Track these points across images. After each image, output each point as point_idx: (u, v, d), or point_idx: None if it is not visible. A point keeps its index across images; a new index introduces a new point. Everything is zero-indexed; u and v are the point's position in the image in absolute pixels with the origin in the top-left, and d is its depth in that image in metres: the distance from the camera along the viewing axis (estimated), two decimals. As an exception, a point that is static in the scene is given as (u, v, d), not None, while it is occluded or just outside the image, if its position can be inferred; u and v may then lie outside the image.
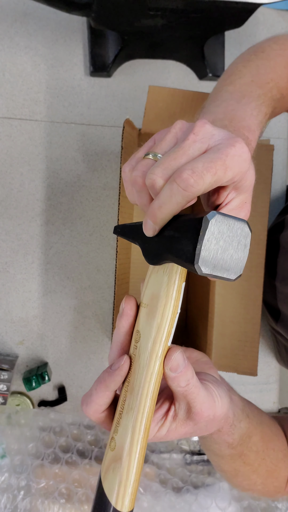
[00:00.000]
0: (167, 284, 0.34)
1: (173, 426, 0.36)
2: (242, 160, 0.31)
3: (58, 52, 0.79)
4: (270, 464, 0.48)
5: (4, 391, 0.72)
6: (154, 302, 0.34)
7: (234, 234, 0.30)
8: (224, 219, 0.29)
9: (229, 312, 0.68)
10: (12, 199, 0.78)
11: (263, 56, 0.50)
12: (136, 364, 0.34)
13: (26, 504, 0.72)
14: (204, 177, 0.29)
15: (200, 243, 0.29)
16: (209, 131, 0.32)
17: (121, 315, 0.36)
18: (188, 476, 0.79)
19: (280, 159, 0.85)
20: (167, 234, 0.32)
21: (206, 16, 0.67)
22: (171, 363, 0.33)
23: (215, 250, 0.29)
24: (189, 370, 0.34)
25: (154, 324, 0.34)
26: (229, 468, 0.48)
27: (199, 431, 0.38)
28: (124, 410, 0.34)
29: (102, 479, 0.35)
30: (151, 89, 0.60)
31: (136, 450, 0.33)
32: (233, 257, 0.30)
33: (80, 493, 0.74)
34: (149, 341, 0.34)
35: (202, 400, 0.35)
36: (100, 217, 0.80)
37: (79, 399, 0.80)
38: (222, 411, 0.38)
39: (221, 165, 0.30)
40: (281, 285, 0.68)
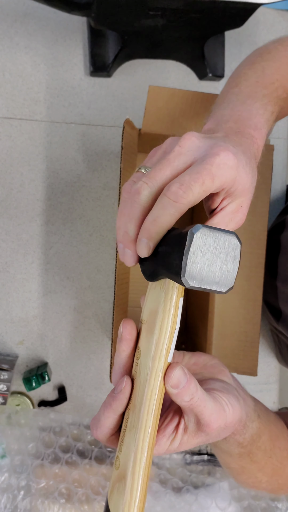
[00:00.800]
0: (164, 299, 0.33)
1: (185, 439, 0.36)
2: (228, 168, 0.32)
3: (58, 52, 0.79)
4: (276, 462, 0.48)
5: (4, 391, 0.72)
6: (152, 319, 0.34)
7: (222, 246, 0.30)
8: (210, 232, 0.30)
9: (229, 312, 0.68)
10: (12, 199, 0.78)
11: (268, 58, 0.50)
12: (137, 381, 0.34)
13: (26, 504, 0.72)
14: (192, 188, 0.30)
15: (185, 256, 0.29)
16: (195, 143, 0.33)
17: (120, 340, 0.36)
18: (188, 476, 0.79)
19: (280, 159, 0.85)
20: (160, 250, 0.33)
21: (206, 16, 0.67)
22: (171, 381, 0.33)
23: (202, 263, 0.29)
24: (192, 384, 0.33)
25: (153, 340, 0.33)
26: (236, 465, 0.48)
27: (212, 439, 0.37)
28: (127, 428, 0.34)
29: (108, 498, 0.34)
30: (151, 89, 0.60)
31: (140, 468, 0.33)
32: (222, 269, 0.30)
33: (80, 493, 0.74)
34: (149, 358, 0.33)
35: (210, 411, 0.35)
36: (100, 217, 0.80)
37: (79, 399, 0.80)
38: (233, 418, 0.37)
39: (207, 174, 0.31)
40: (282, 285, 0.68)
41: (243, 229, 0.67)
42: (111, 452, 0.78)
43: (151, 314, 0.34)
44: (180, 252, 0.29)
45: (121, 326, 0.35)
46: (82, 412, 0.80)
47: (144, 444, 0.33)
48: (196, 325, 0.76)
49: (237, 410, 0.38)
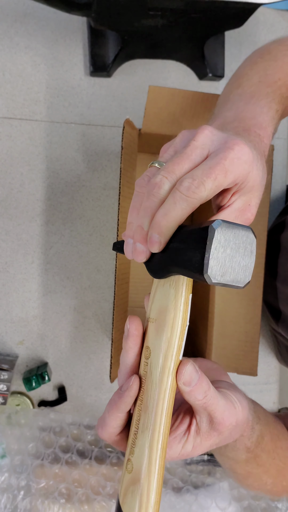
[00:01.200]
0: (175, 296, 0.33)
1: (198, 441, 0.35)
2: (242, 162, 0.32)
3: (58, 52, 0.79)
4: (279, 463, 0.48)
5: (4, 391, 0.72)
6: (162, 316, 0.33)
7: (240, 241, 0.30)
8: (230, 226, 0.29)
9: (229, 312, 0.68)
10: (12, 199, 0.78)
11: (269, 58, 0.50)
12: (149, 381, 0.34)
13: (26, 504, 0.72)
14: (204, 183, 0.30)
15: (208, 252, 0.28)
16: (209, 136, 0.33)
17: (127, 336, 0.35)
18: (188, 476, 0.79)
19: (280, 159, 0.85)
20: (172, 246, 0.32)
21: (206, 16, 0.67)
22: (183, 377, 0.32)
23: (223, 259, 0.29)
24: (204, 381, 0.33)
25: (164, 338, 0.33)
26: (243, 471, 0.47)
27: (224, 440, 0.37)
28: (139, 430, 0.33)
29: (121, 503, 0.33)
30: (151, 89, 0.60)
31: (155, 470, 0.32)
32: (240, 264, 0.30)
33: (80, 493, 0.74)
34: (160, 356, 0.33)
35: (223, 409, 0.34)
36: (100, 217, 0.80)
37: (79, 399, 0.80)
38: (243, 416, 0.37)
39: (220, 170, 0.30)
40: (282, 285, 0.68)
41: (243, 229, 0.67)
42: (111, 452, 0.78)
43: (160, 312, 0.34)
44: (200, 248, 0.29)
45: (128, 322, 0.35)
46: (82, 412, 0.80)
47: (158, 446, 0.32)
48: (196, 325, 0.76)
49: (245, 408, 0.38)
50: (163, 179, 0.32)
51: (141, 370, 0.35)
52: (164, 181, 0.32)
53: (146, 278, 0.79)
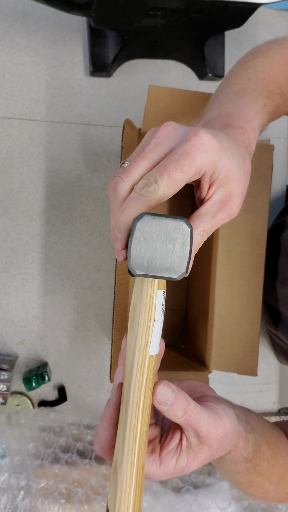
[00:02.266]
0: (140, 292, 0.34)
1: (191, 455, 0.35)
2: (202, 152, 0.31)
3: (58, 52, 0.79)
4: (280, 470, 0.48)
5: (4, 391, 0.72)
6: (133, 312, 0.34)
7: (169, 232, 0.30)
8: (154, 219, 0.30)
9: (229, 312, 0.68)
10: (12, 199, 0.78)
11: (260, 55, 0.49)
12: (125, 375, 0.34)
13: (26, 504, 0.72)
14: (157, 181, 0.31)
15: (130, 244, 0.29)
16: (170, 132, 0.33)
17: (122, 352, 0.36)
18: (188, 476, 0.79)
19: (280, 159, 0.85)
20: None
21: (206, 16, 0.67)
22: (157, 398, 0.33)
23: (146, 250, 0.30)
24: (182, 398, 0.33)
25: (133, 333, 0.34)
26: (245, 480, 0.47)
27: (216, 452, 0.37)
28: (118, 423, 0.34)
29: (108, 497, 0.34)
30: (151, 89, 0.60)
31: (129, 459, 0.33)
32: (172, 255, 0.30)
33: (80, 493, 0.74)
34: (130, 350, 0.34)
35: (207, 422, 0.35)
36: (100, 217, 0.80)
37: (79, 399, 0.80)
38: (231, 425, 0.37)
39: (174, 166, 0.31)
40: (281, 286, 0.68)
41: (243, 229, 0.67)
42: (111, 452, 0.78)
43: (132, 309, 0.34)
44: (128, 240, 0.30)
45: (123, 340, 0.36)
46: (82, 412, 0.80)
47: (131, 435, 0.33)
48: (196, 325, 0.76)
49: (232, 417, 0.38)
50: (119, 180, 0.32)
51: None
52: (120, 182, 0.32)
53: (146, 278, 0.79)
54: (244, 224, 0.67)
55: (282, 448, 0.49)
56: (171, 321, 0.81)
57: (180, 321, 0.82)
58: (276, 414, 0.84)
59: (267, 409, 0.85)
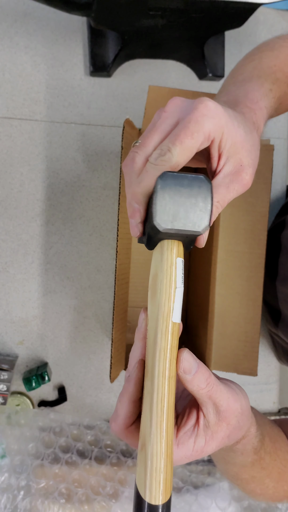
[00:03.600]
0: (161, 260, 0.34)
1: (209, 434, 0.35)
2: (209, 118, 0.32)
3: (58, 52, 0.79)
4: (280, 465, 0.48)
5: (4, 391, 0.72)
6: (153, 282, 0.34)
7: (191, 188, 0.31)
8: (176, 176, 0.31)
9: (229, 312, 0.68)
10: (12, 199, 0.78)
11: (266, 49, 0.50)
12: (148, 346, 0.34)
13: (26, 504, 0.72)
14: (171, 150, 0.32)
15: (155, 200, 0.30)
16: (178, 105, 0.34)
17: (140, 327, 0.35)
18: (188, 476, 0.79)
19: (280, 159, 0.85)
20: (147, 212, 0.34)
21: (206, 16, 0.67)
22: (183, 365, 0.33)
23: (171, 206, 0.31)
24: (204, 368, 0.33)
25: (155, 302, 0.34)
26: (247, 475, 0.47)
27: (234, 432, 0.36)
28: (144, 397, 0.33)
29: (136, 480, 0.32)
30: (151, 89, 0.60)
31: (158, 431, 0.31)
32: (194, 209, 0.31)
33: (80, 493, 0.74)
34: (153, 319, 0.33)
35: (227, 395, 0.34)
36: (100, 217, 0.80)
37: (79, 399, 0.80)
38: (246, 402, 0.37)
39: (185, 133, 0.32)
40: (281, 285, 0.68)
41: (243, 229, 0.67)
42: (111, 452, 0.78)
43: (152, 279, 0.35)
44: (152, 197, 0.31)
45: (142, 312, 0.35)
46: (82, 412, 0.80)
47: (159, 406, 0.31)
48: (196, 325, 0.76)
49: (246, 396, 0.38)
50: (135, 154, 0.33)
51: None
52: (136, 156, 0.33)
53: (146, 278, 0.79)
54: (244, 224, 0.67)
55: (282, 443, 0.49)
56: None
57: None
58: (276, 414, 0.84)
59: (267, 409, 0.85)
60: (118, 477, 0.76)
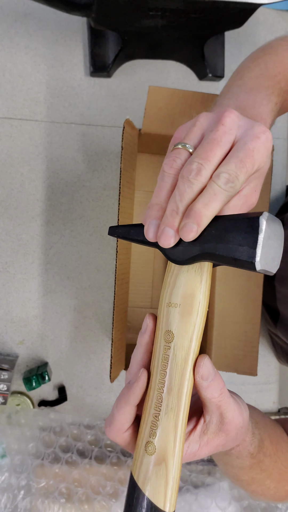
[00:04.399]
0: (201, 282, 0.34)
1: (204, 440, 0.35)
2: (266, 151, 0.33)
3: (58, 52, 0.79)
4: (281, 466, 0.48)
5: (4, 391, 0.73)
6: (188, 301, 0.35)
7: (277, 231, 0.32)
8: (272, 218, 0.31)
9: (229, 312, 0.68)
10: (12, 199, 0.78)
11: (271, 52, 0.51)
12: (172, 363, 0.34)
13: (26, 503, 0.72)
14: (238, 177, 0.32)
15: (259, 241, 0.30)
16: (236, 121, 0.33)
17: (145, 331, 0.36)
18: (188, 476, 0.79)
19: (280, 159, 0.85)
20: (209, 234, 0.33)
21: (206, 16, 0.67)
22: (202, 371, 0.33)
23: (267, 248, 0.31)
24: (220, 378, 0.34)
25: (191, 322, 0.34)
26: (247, 477, 0.48)
27: (230, 442, 0.37)
28: (162, 411, 0.34)
29: (142, 488, 0.34)
30: (151, 89, 0.60)
31: (180, 449, 0.34)
32: (276, 252, 0.32)
33: (80, 493, 0.74)
34: (186, 339, 0.34)
35: (233, 407, 0.35)
36: (100, 217, 0.80)
37: (79, 399, 0.80)
38: (247, 417, 0.38)
39: (250, 162, 0.32)
40: (280, 285, 0.68)
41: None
42: (111, 452, 0.78)
43: (186, 297, 0.35)
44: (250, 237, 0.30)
45: (147, 318, 0.36)
46: (82, 412, 0.80)
47: (183, 424, 0.34)
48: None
49: (247, 410, 0.38)
50: (200, 167, 0.32)
51: (159, 352, 0.35)
52: (201, 168, 0.32)
53: (146, 278, 0.79)
54: (244, 224, 0.67)
55: (283, 444, 0.49)
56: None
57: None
58: (276, 414, 0.84)
59: (267, 409, 0.85)
60: (118, 476, 0.76)
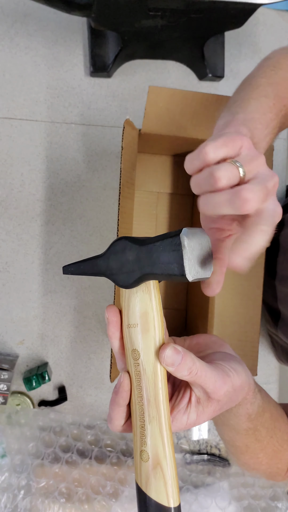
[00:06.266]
0: (150, 300, 0.38)
1: (200, 409, 0.39)
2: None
3: (58, 53, 0.79)
4: (276, 444, 0.50)
5: (4, 390, 0.73)
6: (144, 320, 0.38)
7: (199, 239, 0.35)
8: (191, 231, 0.35)
9: (229, 312, 0.68)
10: (12, 199, 0.78)
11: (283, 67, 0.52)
12: (144, 378, 0.38)
13: (26, 503, 0.73)
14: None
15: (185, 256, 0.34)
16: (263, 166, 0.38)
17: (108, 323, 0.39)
18: (188, 476, 0.79)
19: (280, 159, 0.85)
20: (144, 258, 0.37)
21: (206, 16, 0.67)
22: (165, 360, 0.36)
23: (193, 259, 0.35)
24: (187, 358, 0.36)
25: (151, 337, 0.38)
26: (241, 444, 0.49)
27: (225, 405, 0.40)
28: (146, 421, 0.38)
29: (145, 490, 0.38)
30: (151, 89, 0.60)
31: (170, 449, 0.37)
32: (205, 259, 0.35)
33: (80, 493, 0.74)
34: (151, 353, 0.37)
35: (213, 379, 0.37)
36: (100, 217, 0.80)
37: (79, 399, 0.80)
38: (240, 380, 0.40)
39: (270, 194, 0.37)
40: (280, 284, 0.68)
41: (243, 229, 0.67)
42: (111, 451, 0.78)
43: (141, 317, 0.38)
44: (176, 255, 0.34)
45: (106, 312, 0.40)
46: (82, 412, 0.80)
47: (167, 427, 0.37)
48: (196, 325, 0.76)
49: (241, 374, 0.40)
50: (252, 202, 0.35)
51: (131, 370, 0.39)
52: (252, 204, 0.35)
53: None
54: (244, 224, 0.67)
55: (282, 424, 0.51)
56: (171, 321, 0.81)
57: (180, 321, 0.82)
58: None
59: (267, 409, 0.85)
60: (118, 476, 0.76)
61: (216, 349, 0.44)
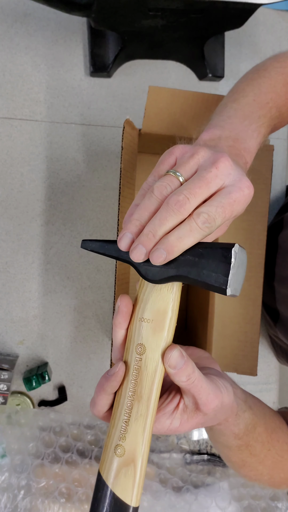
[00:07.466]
0: (173, 301, 0.38)
1: (185, 418, 0.38)
2: (246, 203, 0.36)
3: (58, 53, 0.79)
4: (275, 455, 0.49)
5: (4, 390, 0.73)
6: (160, 318, 0.38)
7: (242, 259, 0.36)
8: (240, 249, 0.35)
9: (229, 312, 0.68)
10: (12, 199, 0.78)
11: (264, 75, 0.52)
12: (143, 374, 0.37)
13: (26, 503, 0.73)
14: (216, 220, 0.34)
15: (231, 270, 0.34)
16: (228, 169, 0.36)
17: (117, 313, 0.38)
18: (188, 476, 0.79)
19: (280, 159, 0.85)
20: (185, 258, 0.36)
21: (206, 16, 0.67)
22: (169, 361, 0.36)
23: (236, 275, 0.35)
24: (189, 365, 0.36)
25: (163, 336, 0.37)
26: (237, 459, 0.49)
27: (209, 421, 0.40)
28: (132, 417, 0.37)
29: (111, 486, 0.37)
30: (151, 89, 0.60)
31: (147, 450, 0.37)
32: (241, 276, 0.36)
33: (80, 493, 0.74)
34: (157, 353, 0.37)
35: (207, 391, 0.37)
36: (100, 217, 0.80)
37: (79, 399, 0.80)
38: (229, 399, 0.40)
39: (230, 210, 0.35)
40: (279, 285, 0.68)
41: (243, 229, 0.67)
42: (111, 451, 0.78)
43: (158, 314, 0.38)
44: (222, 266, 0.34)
45: (119, 300, 0.38)
46: (82, 412, 0.80)
47: (150, 429, 0.37)
48: (196, 325, 0.76)
49: (231, 394, 0.40)
50: (186, 200, 0.34)
51: (130, 363, 0.38)
52: (186, 202, 0.34)
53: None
54: (244, 224, 0.67)
55: (281, 434, 0.50)
56: (171, 321, 0.81)
57: (180, 321, 0.82)
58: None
59: (267, 409, 0.85)
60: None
61: (207, 365, 0.44)
